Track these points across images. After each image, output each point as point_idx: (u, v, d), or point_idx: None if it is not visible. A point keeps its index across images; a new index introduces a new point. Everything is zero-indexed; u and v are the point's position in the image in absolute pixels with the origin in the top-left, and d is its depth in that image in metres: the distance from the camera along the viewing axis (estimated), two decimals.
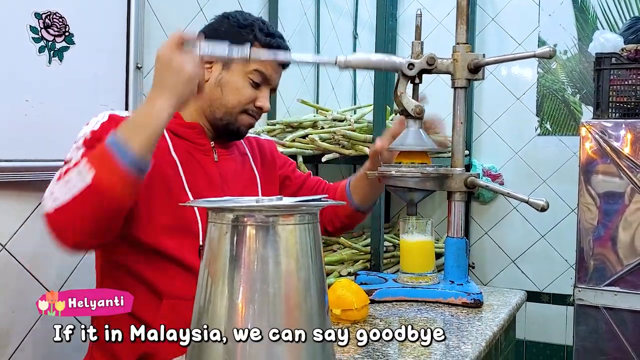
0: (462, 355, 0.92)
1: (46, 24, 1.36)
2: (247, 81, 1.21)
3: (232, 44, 1.17)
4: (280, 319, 0.75)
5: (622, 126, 1.91)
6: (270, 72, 1.23)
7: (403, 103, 1.17)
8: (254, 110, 1.24)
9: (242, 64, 1.21)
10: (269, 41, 1.22)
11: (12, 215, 1.35)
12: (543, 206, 1.13)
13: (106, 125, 1.11)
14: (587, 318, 1.95)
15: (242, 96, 1.22)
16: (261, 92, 1.24)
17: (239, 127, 1.24)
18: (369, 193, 1.40)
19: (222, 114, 1.23)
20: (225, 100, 1.22)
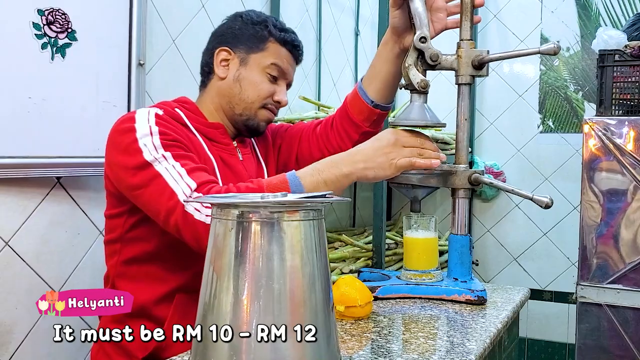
0: (466, 352, 0.92)
1: (49, 20, 1.36)
2: (265, 76, 1.23)
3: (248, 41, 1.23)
4: (285, 315, 0.75)
5: (625, 123, 1.91)
6: (287, 65, 1.25)
7: (409, 75, 1.16)
8: (272, 104, 1.25)
9: (259, 59, 1.23)
10: (283, 36, 1.24)
11: (15, 211, 1.35)
12: (547, 203, 1.13)
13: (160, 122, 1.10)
14: (589, 316, 1.95)
15: (261, 90, 1.23)
16: (279, 86, 1.25)
17: (258, 123, 1.25)
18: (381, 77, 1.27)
19: (242, 109, 1.23)
20: (244, 96, 1.23)
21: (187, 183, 1.02)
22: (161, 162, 1.05)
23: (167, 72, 1.73)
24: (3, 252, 1.33)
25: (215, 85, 1.26)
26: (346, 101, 1.34)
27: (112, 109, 1.52)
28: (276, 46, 1.24)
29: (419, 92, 1.16)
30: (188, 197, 1.01)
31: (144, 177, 1.05)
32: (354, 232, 2.49)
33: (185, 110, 1.22)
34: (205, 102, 1.27)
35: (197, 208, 1.00)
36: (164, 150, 1.06)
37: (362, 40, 2.87)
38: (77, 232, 1.49)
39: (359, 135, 1.31)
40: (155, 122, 1.10)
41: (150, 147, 1.06)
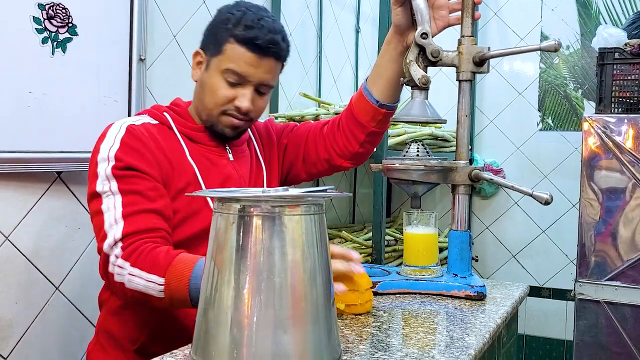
0: (465, 347, 0.92)
1: (49, 15, 1.36)
2: (223, 81, 1.16)
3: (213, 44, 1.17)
4: (286, 309, 0.75)
5: (625, 121, 1.91)
6: (247, 69, 1.14)
7: (410, 71, 1.16)
8: (233, 110, 1.18)
9: (217, 63, 1.16)
10: (244, 35, 1.13)
11: (15, 206, 1.35)
12: (547, 199, 1.13)
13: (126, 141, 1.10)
14: (587, 312, 1.96)
15: (217, 97, 1.17)
16: (242, 90, 1.16)
17: (222, 129, 1.20)
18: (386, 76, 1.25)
19: (206, 115, 1.20)
20: (205, 101, 1.19)
21: (116, 232, 1.03)
22: (107, 196, 1.06)
23: (168, 68, 1.73)
24: (3, 246, 1.33)
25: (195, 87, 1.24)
26: (351, 102, 1.31)
27: (113, 104, 1.52)
28: (234, 47, 1.14)
29: (420, 88, 1.16)
30: (111, 247, 1.02)
31: (93, 208, 1.09)
32: (353, 228, 2.49)
33: (174, 115, 1.21)
34: (193, 103, 1.26)
35: (119, 272, 1.01)
36: (114, 182, 1.06)
37: (363, 37, 2.87)
38: (77, 227, 1.49)
39: (365, 136, 1.30)
40: (121, 140, 1.10)
41: (102, 177, 1.07)
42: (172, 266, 0.97)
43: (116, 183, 1.06)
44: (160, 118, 1.20)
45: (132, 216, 1.04)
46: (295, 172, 1.40)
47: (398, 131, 2.17)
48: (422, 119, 1.16)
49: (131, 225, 1.03)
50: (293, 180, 1.42)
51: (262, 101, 1.21)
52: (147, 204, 1.06)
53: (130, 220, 1.04)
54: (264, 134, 1.38)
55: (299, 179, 1.42)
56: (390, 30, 1.23)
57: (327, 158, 1.35)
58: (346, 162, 1.35)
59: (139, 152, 1.10)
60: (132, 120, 1.17)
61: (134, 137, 1.11)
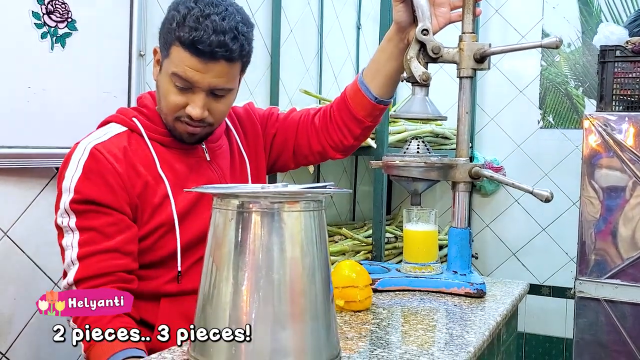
0: (465, 344, 0.92)
1: (48, 9, 1.36)
2: (172, 86, 1.06)
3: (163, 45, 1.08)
4: (285, 305, 0.75)
5: (626, 119, 1.91)
6: (192, 74, 1.03)
7: (411, 68, 1.15)
8: (185, 117, 1.09)
9: (166, 65, 1.07)
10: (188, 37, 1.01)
11: (14, 202, 1.35)
12: (547, 197, 1.13)
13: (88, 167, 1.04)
14: (587, 310, 1.95)
15: (169, 103, 1.08)
16: (191, 97, 1.07)
17: (180, 134, 1.12)
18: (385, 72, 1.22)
19: (164, 119, 1.13)
20: (161, 105, 1.12)
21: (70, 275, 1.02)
22: (66, 232, 1.05)
23: None
24: (2, 242, 1.33)
25: None
26: (346, 96, 1.27)
27: (113, 99, 1.52)
28: (178, 50, 1.03)
29: (421, 84, 1.16)
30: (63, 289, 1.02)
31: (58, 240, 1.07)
32: (354, 225, 2.49)
33: (143, 120, 1.13)
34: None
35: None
36: (73, 217, 1.04)
37: (364, 33, 2.87)
38: None
39: (361, 130, 1.29)
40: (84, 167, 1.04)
41: (62, 210, 1.05)
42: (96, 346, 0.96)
43: (74, 218, 1.03)
44: (129, 124, 1.12)
45: (87, 259, 1.02)
46: (282, 162, 1.36)
47: (399, 128, 2.16)
48: (422, 116, 1.16)
49: (84, 270, 1.01)
50: (280, 170, 1.39)
51: (221, 105, 1.10)
52: (103, 243, 1.03)
53: (85, 263, 1.02)
54: (245, 122, 1.30)
55: (287, 168, 1.39)
56: (392, 27, 1.21)
57: (321, 151, 1.32)
58: (339, 154, 1.33)
59: (102, 179, 1.04)
60: (98, 137, 1.09)
61: (98, 162, 1.04)
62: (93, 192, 1.04)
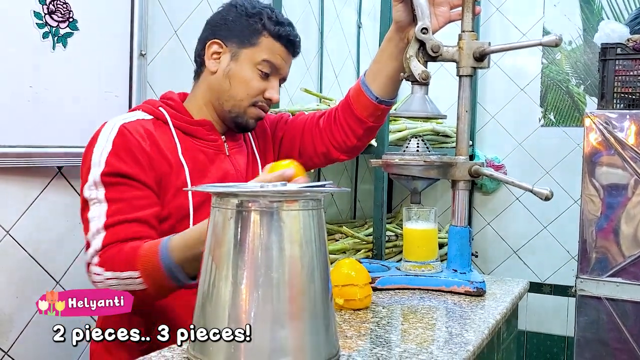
0: (464, 343, 0.92)
1: (50, 9, 1.36)
2: (256, 72, 1.19)
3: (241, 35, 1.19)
4: (284, 304, 0.75)
5: (627, 117, 1.91)
6: (280, 61, 1.21)
7: (411, 66, 1.15)
8: (263, 101, 1.22)
9: (251, 54, 1.18)
10: (278, 30, 1.19)
11: (15, 201, 1.35)
12: (547, 195, 1.13)
13: (118, 143, 1.08)
14: (588, 309, 1.95)
15: (250, 88, 1.19)
16: (270, 83, 1.21)
17: (247, 120, 1.22)
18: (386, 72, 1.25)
19: (231, 106, 1.21)
20: (233, 92, 1.19)
21: (97, 243, 1.04)
22: (94, 204, 1.06)
23: (169, 63, 1.73)
24: (4, 241, 1.33)
25: (206, 79, 1.23)
26: (349, 97, 1.31)
27: (114, 99, 1.52)
28: (270, 41, 1.19)
29: (420, 83, 1.16)
30: (91, 257, 1.03)
31: (82, 215, 1.09)
32: (354, 224, 2.49)
33: (170, 109, 1.19)
34: (196, 95, 1.25)
35: (95, 280, 1.03)
36: (102, 189, 1.06)
37: (365, 32, 2.87)
38: (78, 222, 1.48)
39: (364, 130, 1.30)
40: (113, 142, 1.08)
41: (90, 182, 1.07)
42: (140, 256, 0.98)
43: (104, 190, 1.06)
44: (156, 113, 1.18)
45: (115, 226, 1.04)
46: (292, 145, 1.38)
47: (399, 127, 2.17)
48: (422, 115, 1.16)
49: (112, 236, 1.03)
50: None
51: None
52: (132, 213, 1.05)
53: (112, 230, 1.04)
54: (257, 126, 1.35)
55: None
56: (391, 27, 1.22)
57: (325, 152, 1.34)
58: (343, 155, 1.35)
59: (132, 155, 1.08)
60: (125, 118, 1.15)
61: (127, 139, 1.09)
62: (123, 166, 1.07)
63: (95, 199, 1.06)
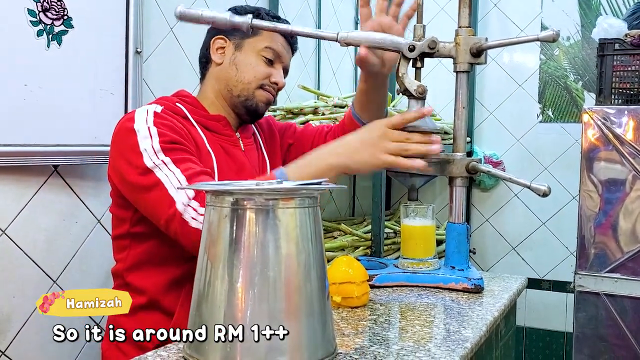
0: (462, 340, 0.92)
1: (44, 7, 1.35)
2: (260, 58, 1.25)
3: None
4: (280, 302, 0.75)
5: (625, 113, 1.90)
6: (281, 48, 1.27)
7: (405, 84, 1.16)
8: (270, 85, 1.26)
9: (253, 43, 1.25)
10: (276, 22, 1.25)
11: (11, 200, 1.35)
12: (545, 191, 1.12)
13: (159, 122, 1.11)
14: (587, 305, 1.95)
15: (256, 72, 1.24)
16: (275, 69, 1.27)
17: (257, 103, 1.26)
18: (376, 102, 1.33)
19: (240, 90, 1.25)
20: (240, 77, 1.25)
21: (186, 191, 1.03)
22: (161, 168, 1.06)
23: (165, 60, 1.72)
24: (0, 240, 1.33)
25: (213, 72, 1.28)
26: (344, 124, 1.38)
27: (110, 97, 1.51)
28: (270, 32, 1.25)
29: (417, 98, 1.17)
30: (186, 205, 1.02)
31: (145, 183, 1.06)
32: (353, 221, 2.49)
33: (186, 104, 1.23)
34: (205, 92, 1.29)
35: (193, 217, 1.01)
36: (164, 155, 1.07)
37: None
38: (74, 221, 1.49)
39: None
40: (154, 122, 1.11)
41: (150, 152, 1.07)
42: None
43: (168, 155, 1.07)
44: (173, 108, 1.20)
45: (196, 177, 1.05)
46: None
47: None
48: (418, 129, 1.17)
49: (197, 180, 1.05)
50: None
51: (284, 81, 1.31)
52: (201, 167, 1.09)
53: (196, 180, 1.05)
54: (266, 129, 1.41)
55: None
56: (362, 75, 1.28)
57: None
58: None
59: (175, 129, 1.13)
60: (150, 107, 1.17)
61: (165, 118, 1.13)
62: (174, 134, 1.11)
63: (161, 164, 1.06)
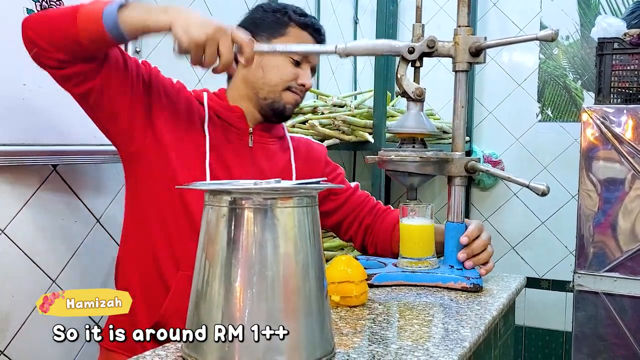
0: (460, 339, 0.92)
1: (43, 6, 1.35)
2: (287, 59, 1.25)
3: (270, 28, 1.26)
4: (278, 302, 0.75)
5: (624, 112, 1.90)
6: None
7: (403, 86, 1.17)
8: (297, 87, 1.27)
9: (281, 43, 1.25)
10: (304, 20, 1.27)
11: (10, 199, 1.35)
12: (544, 190, 1.12)
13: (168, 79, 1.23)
14: (586, 304, 1.95)
15: (283, 73, 1.25)
16: (302, 70, 1.27)
17: (284, 105, 1.26)
18: None
19: (266, 92, 1.25)
20: (267, 79, 1.25)
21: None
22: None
23: (164, 60, 1.71)
24: None
25: (240, 74, 1.28)
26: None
27: None
28: (297, 30, 1.26)
29: (415, 100, 1.17)
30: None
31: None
32: None
33: (210, 94, 1.28)
34: (231, 92, 1.31)
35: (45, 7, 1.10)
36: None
37: (361, 28, 2.86)
38: (73, 220, 1.49)
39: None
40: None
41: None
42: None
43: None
44: (198, 95, 1.26)
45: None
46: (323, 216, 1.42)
47: None
48: (416, 131, 1.18)
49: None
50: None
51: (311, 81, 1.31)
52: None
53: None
54: (302, 151, 1.39)
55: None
56: None
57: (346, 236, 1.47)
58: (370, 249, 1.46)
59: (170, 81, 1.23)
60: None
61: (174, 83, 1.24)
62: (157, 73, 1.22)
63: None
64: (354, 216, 1.43)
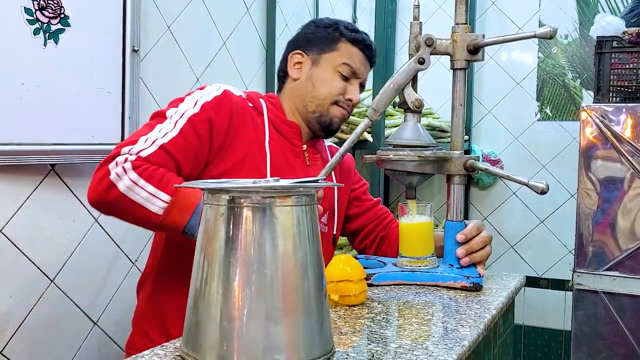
0: (460, 338, 0.91)
1: (41, 5, 1.35)
2: (336, 74, 1.27)
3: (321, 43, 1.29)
4: (277, 301, 0.74)
5: (623, 110, 1.90)
6: (358, 65, 1.29)
7: (404, 94, 1.17)
8: (344, 102, 1.28)
9: (331, 59, 1.27)
10: (355, 36, 1.29)
11: (8, 199, 1.34)
12: (543, 189, 1.12)
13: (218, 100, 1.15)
14: (585, 303, 1.95)
15: (332, 88, 1.27)
16: (351, 85, 1.28)
17: (331, 119, 1.28)
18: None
19: (315, 106, 1.27)
20: (316, 92, 1.27)
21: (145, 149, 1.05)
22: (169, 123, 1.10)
23: (162, 59, 1.71)
24: None
25: (289, 86, 1.31)
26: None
27: (106, 95, 1.51)
28: (348, 46, 1.28)
29: (413, 111, 1.18)
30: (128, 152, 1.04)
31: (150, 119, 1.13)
32: None
33: (269, 103, 1.27)
34: (285, 103, 1.32)
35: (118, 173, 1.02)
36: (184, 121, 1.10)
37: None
38: (72, 220, 1.49)
39: None
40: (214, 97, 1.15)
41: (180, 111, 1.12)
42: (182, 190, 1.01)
43: (185, 123, 1.10)
44: (255, 103, 1.25)
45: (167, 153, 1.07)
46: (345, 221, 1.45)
47: (395, 122, 2.16)
48: (414, 143, 1.18)
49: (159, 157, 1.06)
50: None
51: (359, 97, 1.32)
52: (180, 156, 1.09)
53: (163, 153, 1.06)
54: (344, 165, 1.43)
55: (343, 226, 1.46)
56: None
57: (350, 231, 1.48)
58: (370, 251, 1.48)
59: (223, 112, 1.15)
60: (232, 88, 1.22)
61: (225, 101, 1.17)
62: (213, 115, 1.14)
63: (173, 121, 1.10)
64: (373, 227, 1.46)
